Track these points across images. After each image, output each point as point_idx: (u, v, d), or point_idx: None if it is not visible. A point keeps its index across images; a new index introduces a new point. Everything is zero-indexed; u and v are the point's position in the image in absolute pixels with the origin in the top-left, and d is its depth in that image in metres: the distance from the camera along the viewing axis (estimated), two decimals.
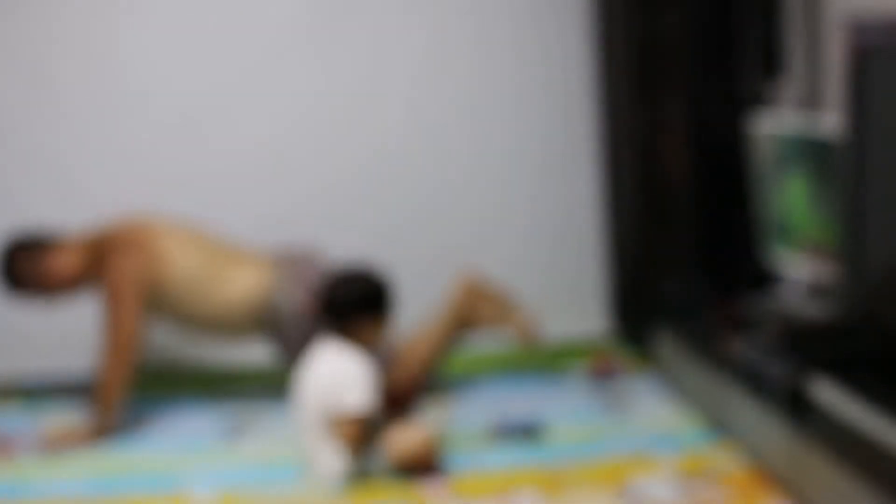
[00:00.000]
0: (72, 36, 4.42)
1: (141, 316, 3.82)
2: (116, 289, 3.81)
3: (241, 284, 3.90)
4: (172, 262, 3.88)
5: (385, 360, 3.83)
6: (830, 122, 3.49)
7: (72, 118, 4.45)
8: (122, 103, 4.47)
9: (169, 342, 4.45)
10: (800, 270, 3.83)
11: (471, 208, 4.59)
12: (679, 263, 4.17)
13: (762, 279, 4.10)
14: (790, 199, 3.69)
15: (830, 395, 2.69)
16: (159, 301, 3.87)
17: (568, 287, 4.62)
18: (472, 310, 4.04)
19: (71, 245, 3.95)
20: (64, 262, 3.91)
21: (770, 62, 3.81)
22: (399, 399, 3.44)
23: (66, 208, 4.45)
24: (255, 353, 4.30)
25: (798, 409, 2.86)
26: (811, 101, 3.54)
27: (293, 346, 3.83)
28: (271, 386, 4.27)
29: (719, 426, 3.43)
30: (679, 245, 4.18)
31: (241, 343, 4.09)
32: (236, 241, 4.09)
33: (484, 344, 4.50)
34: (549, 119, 4.56)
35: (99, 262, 3.88)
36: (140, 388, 4.25)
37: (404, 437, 3.26)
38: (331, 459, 3.24)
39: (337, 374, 3.22)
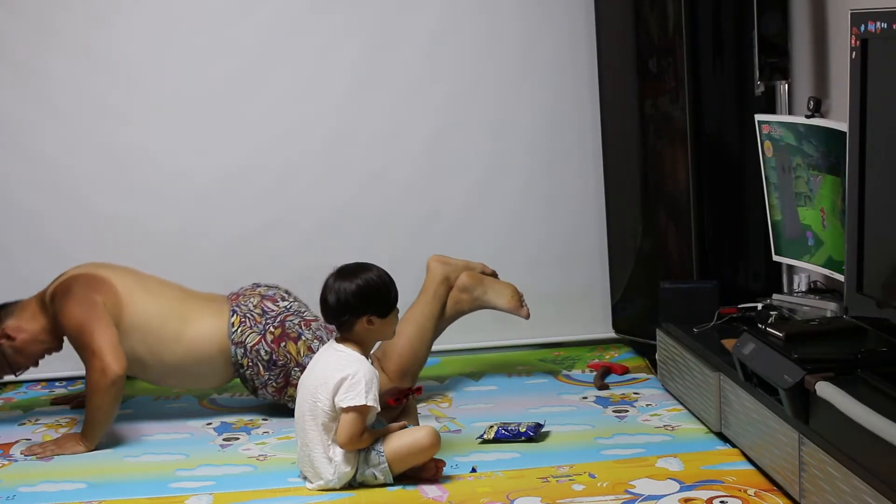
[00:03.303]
0: (70, 36, 4.42)
1: (116, 334, 3.66)
2: (79, 325, 3.66)
3: (203, 328, 3.79)
4: (130, 301, 3.75)
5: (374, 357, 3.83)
6: (835, 119, 3.49)
7: (69, 119, 4.44)
8: (120, 104, 4.46)
9: None
10: (802, 270, 3.83)
11: (478, 216, 4.59)
12: (680, 264, 4.16)
13: (764, 279, 4.10)
14: (792, 198, 3.68)
15: (833, 396, 2.69)
16: (122, 342, 3.69)
17: (570, 288, 4.61)
18: (448, 287, 4.01)
19: (24, 305, 3.82)
20: (21, 322, 3.78)
21: (775, 57, 3.80)
22: (401, 398, 3.42)
23: (65, 208, 4.46)
24: None
25: (800, 410, 2.86)
26: (816, 98, 3.53)
27: (265, 384, 3.82)
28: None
29: (721, 427, 3.43)
30: (680, 245, 4.17)
31: (221, 387, 4.03)
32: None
33: (485, 344, 4.51)
34: (556, 122, 4.56)
35: (55, 312, 3.74)
36: (138, 388, 4.26)
37: (404, 438, 3.25)
38: (330, 460, 3.23)
39: (337, 375, 3.21)
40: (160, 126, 4.47)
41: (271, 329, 3.79)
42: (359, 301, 3.25)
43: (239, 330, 3.79)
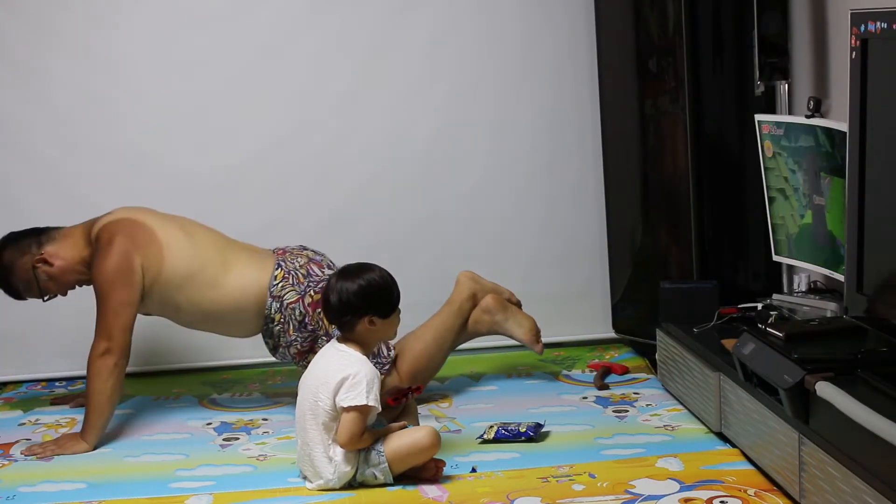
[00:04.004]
0: (70, 36, 4.42)
1: (132, 316, 3.70)
2: (104, 287, 3.69)
3: (244, 277, 3.83)
4: (171, 252, 3.78)
5: (386, 359, 3.83)
6: (835, 119, 3.49)
7: (69, 119, 4.44)
8: (120, 104, 4.46)
9: (168, 345, 4.45)
10: (802, 269, 3.82)
11: (479, 216, 4.59)
12: (680, 264, 4.16)
13: (764, 279, 4.10)
14: (789, 200, 3.68)
15: (833, 396, 2.69)
16: (160, 292, 3.77)
17: (570, 288, 4.61)
18: (473, 304, 4.03)
19: (68, 233, 3.86)
20: (61, 249, 3.82)
21: (775, 57, 3.80)
22: (400, 397, 3.42)
23: (65, 208, 4.46)
24: (253, 353, 4.30)
25: (800, 410, 2.85)
26: (816, 98, 3.53)
27: (289, 344, 3.82)
28: (270, 386, 4.27)
29: (721, 427, 3.43)
30: (680, 245, 4.17)
31: (245, 338, 4.05)
32: (236, 237, 4.04)
33: (484, 344, 4.50)
34: (556, 122, 4.56)
35: (93, 253, 3.78)
36: (138, 388, 4.26)
37: (404, 438, 3.25)
38: (330, 459, 3.23)
39: (339, 374, 3.21)
40: (160, 126, 4.47)
41: (311, 293, 3.79)
42: (361, 301, 3.25)
43: (280, 284, 3.80)
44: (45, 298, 3.89)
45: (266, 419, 3.89)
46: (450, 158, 4.56)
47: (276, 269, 3.84)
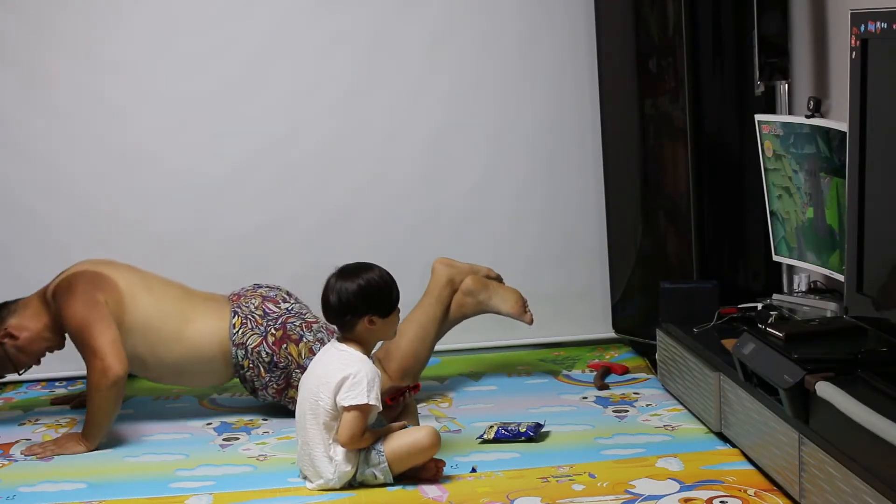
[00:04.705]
0: (70, 36, 4.42)
1: (117, 333, 3.65)
2: (80, 324, 3.65)
3: (205, 329, 3.79)
4: (132, 301, 3.75)
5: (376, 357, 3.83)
6: (835, 119, 3.49)
7: (69, 119, 4.44)
8: (120, 104, 4.46)
9: None
10: (802, 269, 3.83)
11: (478, 215, 4.59)
12: (680, 264, 4.16)
13: (764, 279, 4.10)
14: (793, 197, 3.68)
15: (833, 396, 2.69)
16: (122, 341, 3.68)
17: (570, 288, 4.61)
18: (452, 289, 4.01)
19: (25, 303, 3.81)
20: (24, 320, 3.77)
21: (775, 57, 3.80)
22: (398, 396, 3.42)
23: (65, 208, 4.46)
24: None
25: (800, 410, 2.86)
26: (816, 98, 3.53)
27: (265, 386, 3.81)
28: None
29: (721, 427, 3.43)
30: (680, 245, 4.17)
31: (220, 386, 4.04)
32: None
33: (484, 344, 4.50)
34: (556, 122, 4.56)
35: (56, 309, 3.73)
36: (138, 389, 4.26)
37: (404, 438, 3.25)
38: (331, 459, 3.23)
39: (339, 374, 3.21)
40: (160, 126, 4.47)
41: (273, 331, 3.79)
42: (360, 301, 3.25)
43: (240, 331, 3.79)
44: (21, 372, 3.85)
45: (266, 419, 3.89)
46: (449, 158, 4.56)
47: (233, 316, 3.80)
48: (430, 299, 3.99)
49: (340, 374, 3.21)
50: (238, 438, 3.72)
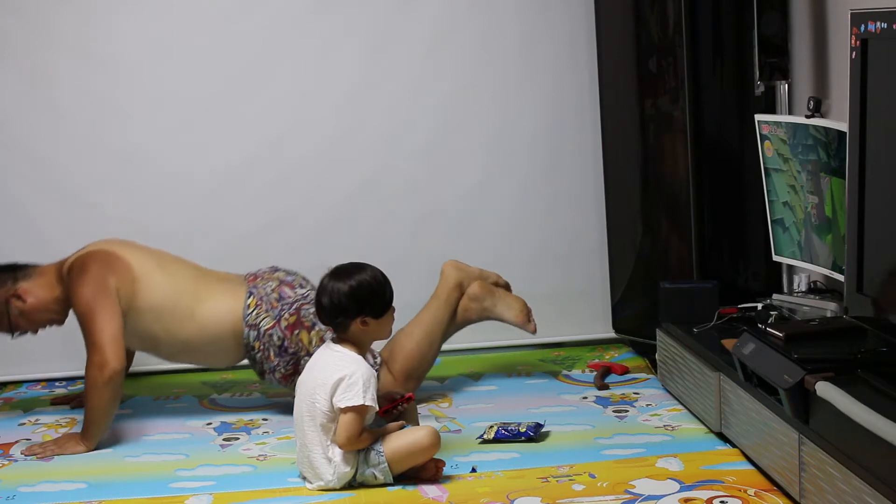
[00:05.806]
0: (70, 36, 4.41)
1: (120, 327, 3.66)
2: (86, 309, 3.66)
3: (218, 308, 3.80)
4: (145, 282, 3.76)
5: (373, 367, 3.82)
6: (835, 119, 3.49)
7: (69, 119, 4.44)
8: (120, 104, 4.46)
9: None
10: (802, 269, 3.83)
11: (478, 215, 4.59)
12: (680, 264, 4.16)
13: (764, 279, 4.10)
14: (793, 197, 3.68)
15: (833, 396, 2.69)
16: (135, 320, 3.73)
17: (570, 288, 4.61)
18: (460, 293, 4.01)
19: (42, 271, 3.83)
20: (35, 287, 3.78)
21: (775, 57, 3.80)
22: (390, 408, 3.41)
23: (65, 208, 4.46)
24: None
25: (800, 410, 2.86)
26: (816, 98, 3.53)
27: (273, 369, 3.82)
28: (270, 386, 4.26)
29: (721, 427, 3.43)
30: (680, 245, 4.17)
31: (230, 366, 4.04)
32: (208, 265, 4.01)
33: (484, 344, 4.50)
34: (556, 122, 4.56)
35: (68, 286, 3.75)
36: (138, 388, 4.26)
37: (403, 438, 3.25)
38: (329, 460, 3.23)
39: (335, 375, 3.21)
40: (160, 125, 4.47)
41: (286, 315, 3.79)
42: (352, 302, 3.25)
43: (254, 312, 3.79)
44: (14, 335, 3.85)
45: (266, 419, 3.89)
46: (449, 158, 4.56)
47: (249, 297, 3.81)
48: (437, 302, 4.00)
49: (336, 375, 3.21)
50: (238, 438, 3.72)
